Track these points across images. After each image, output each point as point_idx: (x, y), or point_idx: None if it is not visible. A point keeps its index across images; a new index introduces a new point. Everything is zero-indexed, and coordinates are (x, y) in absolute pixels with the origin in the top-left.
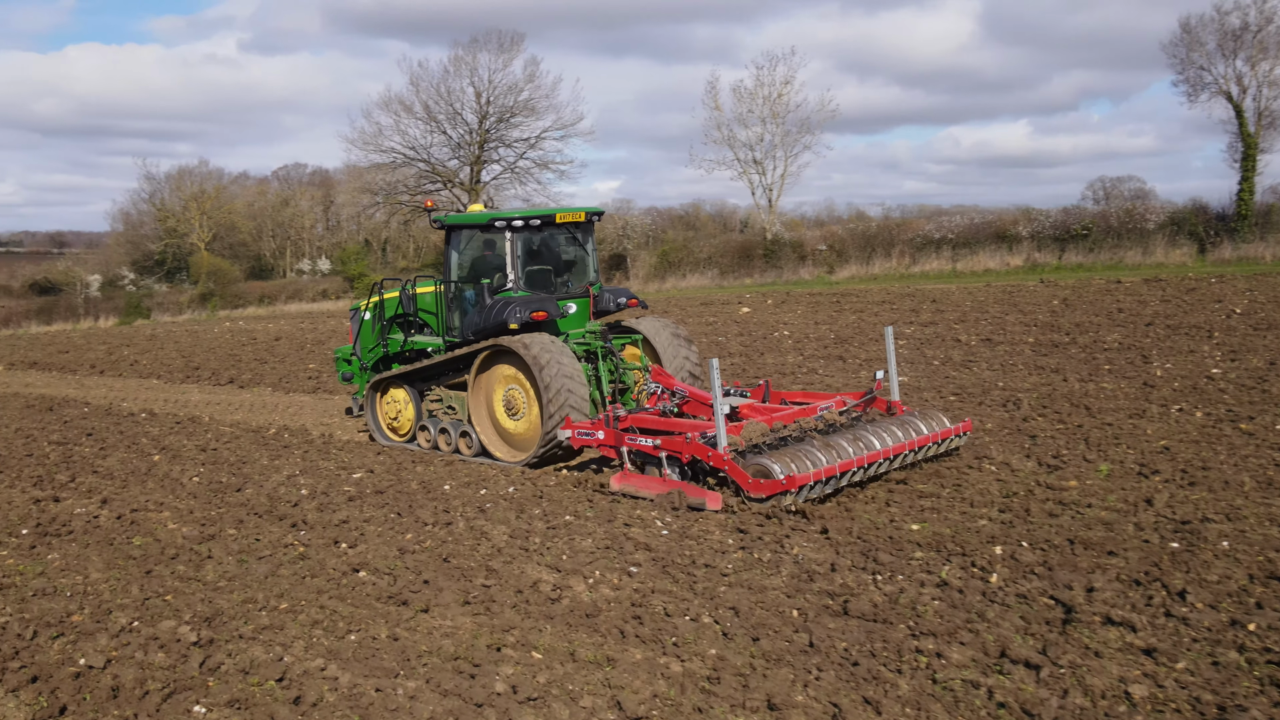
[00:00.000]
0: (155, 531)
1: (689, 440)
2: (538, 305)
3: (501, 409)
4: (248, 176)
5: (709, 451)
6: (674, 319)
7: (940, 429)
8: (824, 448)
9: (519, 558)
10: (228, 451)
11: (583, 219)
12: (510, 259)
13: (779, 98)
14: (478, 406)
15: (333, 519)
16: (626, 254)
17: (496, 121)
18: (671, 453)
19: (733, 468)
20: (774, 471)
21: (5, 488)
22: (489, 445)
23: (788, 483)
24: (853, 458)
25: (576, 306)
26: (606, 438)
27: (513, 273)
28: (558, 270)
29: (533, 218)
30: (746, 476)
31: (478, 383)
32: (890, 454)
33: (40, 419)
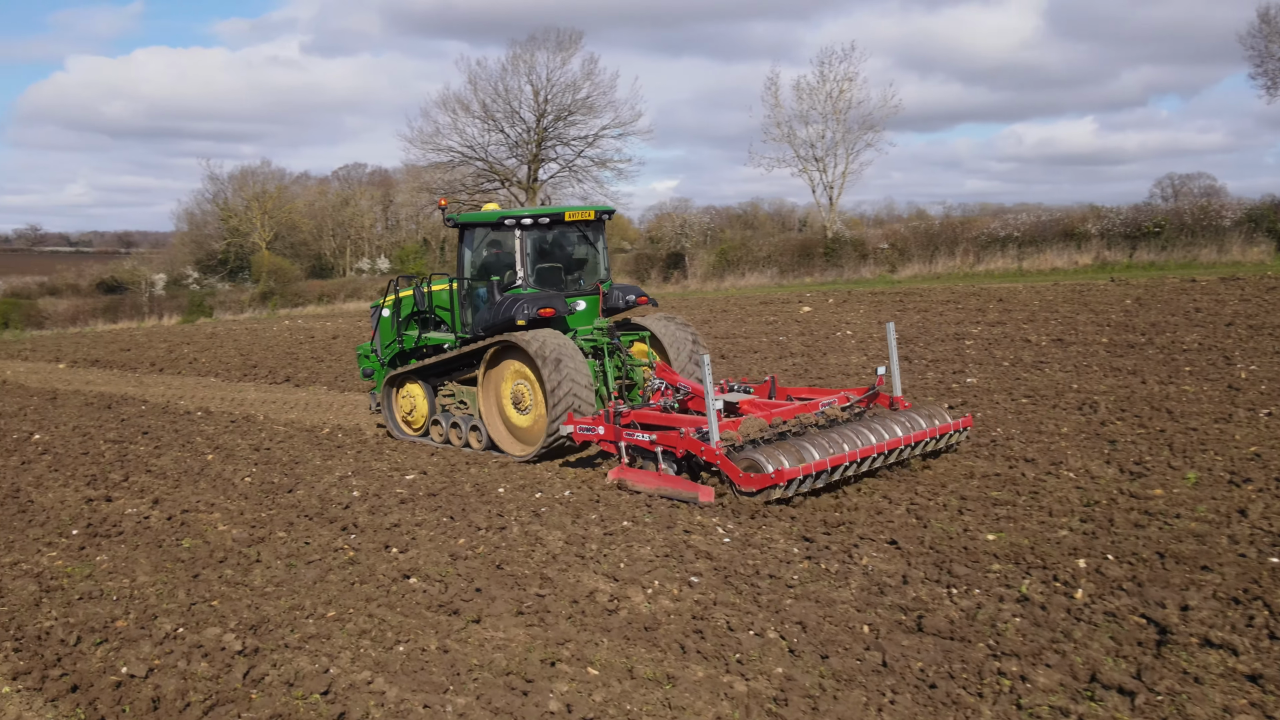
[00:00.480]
0: (205, 533)
1: (683, 435)
2: (545, 302)
3: (509, 404)
4: (309, 177)
5: (702, 446)
6: (733, 319)
7: (940, 424)
8: (817, 443)
9: (574, 565)
10: (281, 451)
11: (592, 217)
12: (520, 256)
13: (840, 94)
14: (487, 401)
15: (384, 522)
16: (685, 252)
17: (554, 120)
18: (667, 448)
19: (724, 462)
20: (763, 466)
21: (59, 486)
22: (497, 439)
23: (777, 477)
24: (845, 452)
25: (586, 304)
26: (606, 433)
27: (522, 270)
28: (568, 268)
29: (542, 216)
30: (737, 470)
31: (487, 378)
32: (885, 449)
33: (98, 417)
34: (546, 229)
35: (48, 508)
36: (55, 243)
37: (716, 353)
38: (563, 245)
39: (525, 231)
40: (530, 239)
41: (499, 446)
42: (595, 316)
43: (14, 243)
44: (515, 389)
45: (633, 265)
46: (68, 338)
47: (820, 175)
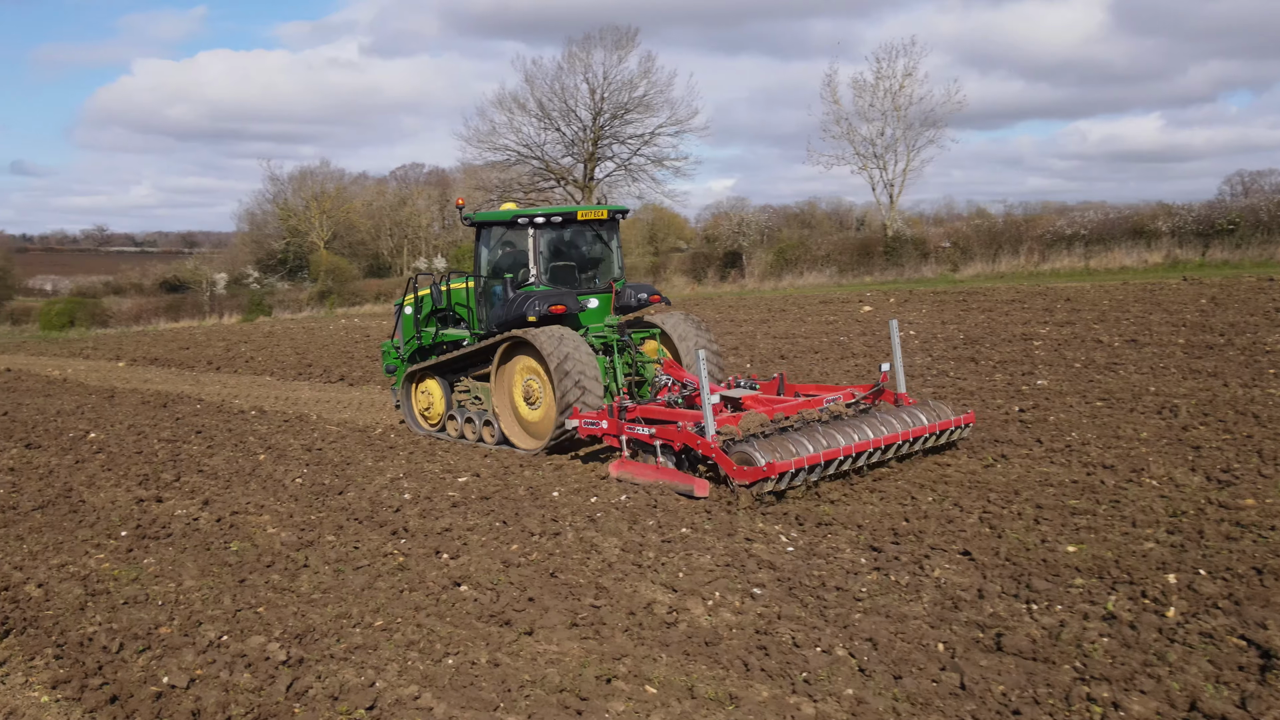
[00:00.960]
0: (253, 536)
1: (681, 429)
2: (556, 299)
3: (521, 399)
4: (367, 177)
5: (698, 440)
6: (792, 318)
7: (941, 420)
8: (812, 437)
9: (631, 574)
10: (333, 452)
11: (605, 217)
12: (533, 255)
13: (900, 90)
14: (500, 396)
15: (435, 526)
16: (742, 251)
17: (610, 118)
18: (665, 441)
19: (719, 455)
20: (756, 459)
21: (111, 486)
22: (509, 434)
23: (768, 469)
24: (840, 446)
25: (599, 301)
26: (610, 427)
27: (534, 268)
28: (582, 266)
29: (554, 215)
30: (732, 463)
31: (500, 373)
32: (882, 443)
33: (153, 415)
34: (559, 228)
35: (98, 508)
36: (121, 243)
37: (775, 353)
38: (576, 244)
39: (538, 230)
40: (543, 238)
41: (510, 441)
42: (608, 314)
43: (81, 243)
44: (526, 384)
45: (689, 264)
46: (129, 336)
47: (880, 173)
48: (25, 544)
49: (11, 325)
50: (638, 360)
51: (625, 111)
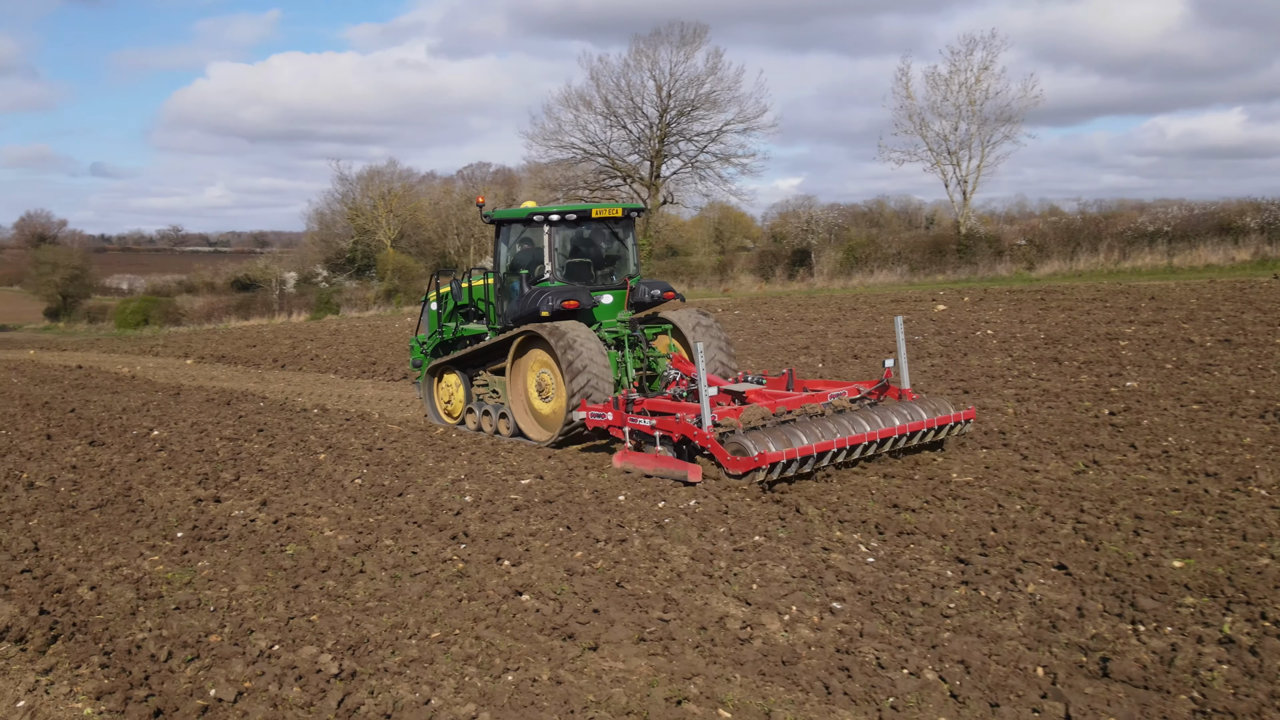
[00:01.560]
0: (310, 539)
1: (679, 420)
2: (570, 295)
3: (534, 391)
4: (434, 176)
5: (695, 430)
6: (864, 317)
7: (940, 415)
8: (808, 429)
9: (702, 585)
10: (394, 451)
11: (620, 215)
12: (548, 251)
13: (976, 84)
14: (515, 389)
15: (496, 531)
16: (811, 249)
17: (677, 115)
18: (665, 432)
19: (714, 445)
20: (749, 449)
21: (170, 485)
22: (523, 426)
23: (760, 460)
24: (834, 439)
25: (613, 297)
26: (614, 419)
27: (549, 264)
28: (597, 263)
29: (569, 213)
30: (726, 454)
31: (515, 367)
32: (878, 437)
33: (216, 413)
34: (575, 225)
35: (156, 507)
36: (195, 243)
37: (848, 352)
38: (592, 241)
39: (553, 227)
40: (558, 235)
41: (524, 433)
42: (622, 310)
43: (158, 243)
44: (539, 378)
45: (756, 263)
46: (200, 334)
47: (954, 169)
48: (81, 544)
49: (89, 323)
50: (649, 355)
51: (692, 108)
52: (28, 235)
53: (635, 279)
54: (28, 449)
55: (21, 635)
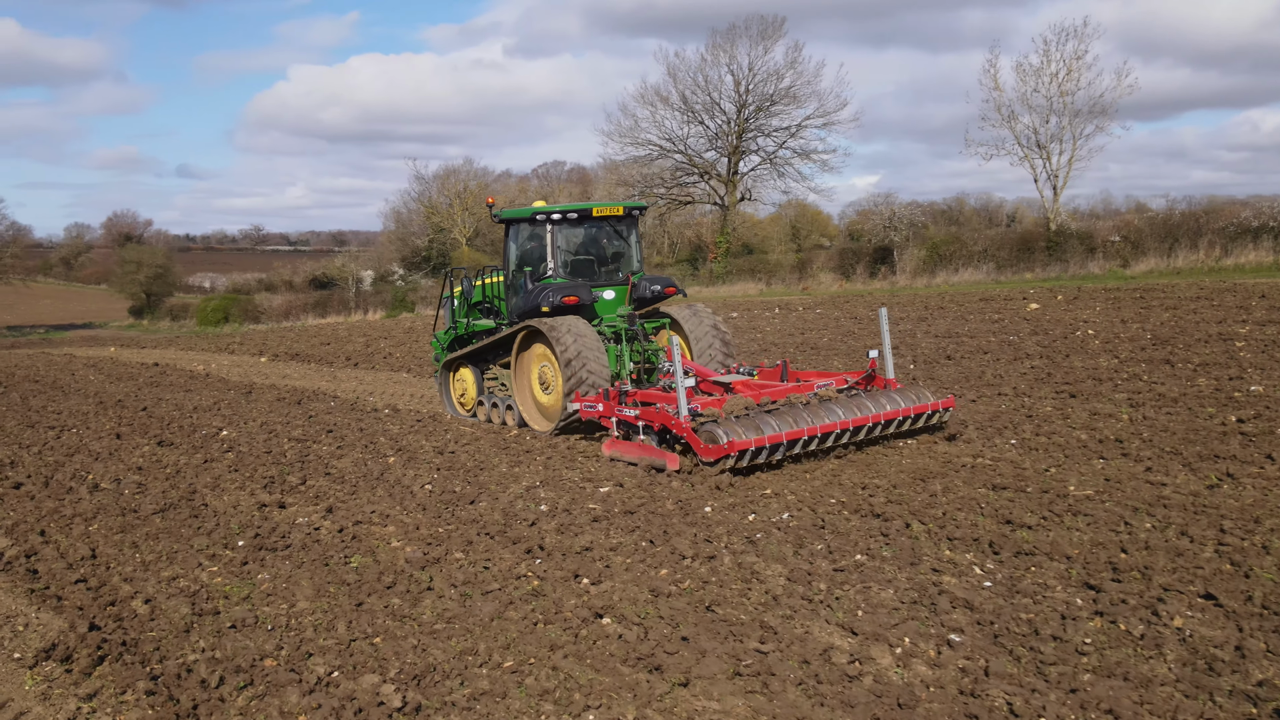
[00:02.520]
0: (376, 550)
1: (658, 410)
2: (570, 291)
3: (537, 384)
4: (510, 175)
5: (673, 419)
6: (952, 316)
7: (919, 404)
8: (782, 418)
9: (801, 611)
10: (465, 455)
11: (621, 213)
12: (550, 249)
13: (1068, 75)
14: (520, 382)
15: (574, 544)
16: (893, 247)
17: (755, 111)
18: (648, 422)
19: (689, 434)
20: (720, 437)
21: (235, 489)
22: (527, 417)
23: (729, 447)
24: (806, 427)
25: (615, 293)
26: (605, 409)
27: (552, 261)
28: (600, 260)
29: (570, 211)
30: (700, 441)
31: (519, 361)
32: (850, 425)
33: (287, 413)
34: (576, 224)
35: (219, 513)
36: (276, 242)
37: (939, 353)
38: (595, 239)
39: (555, 226)
40: (561, 233)
41: (527, 423)
42: (623, 305)
43: (240, 242)
44: (541, 370)
45: (837, 260)
46: (276, 332)
47: (1044, 164)
48: (140, 552)
49: (171, 321)
50: (647, 349)
51: (771, 104)
52: (115, 235)
53: (638, 275)
54: (96, 448)
55: (68, 654)
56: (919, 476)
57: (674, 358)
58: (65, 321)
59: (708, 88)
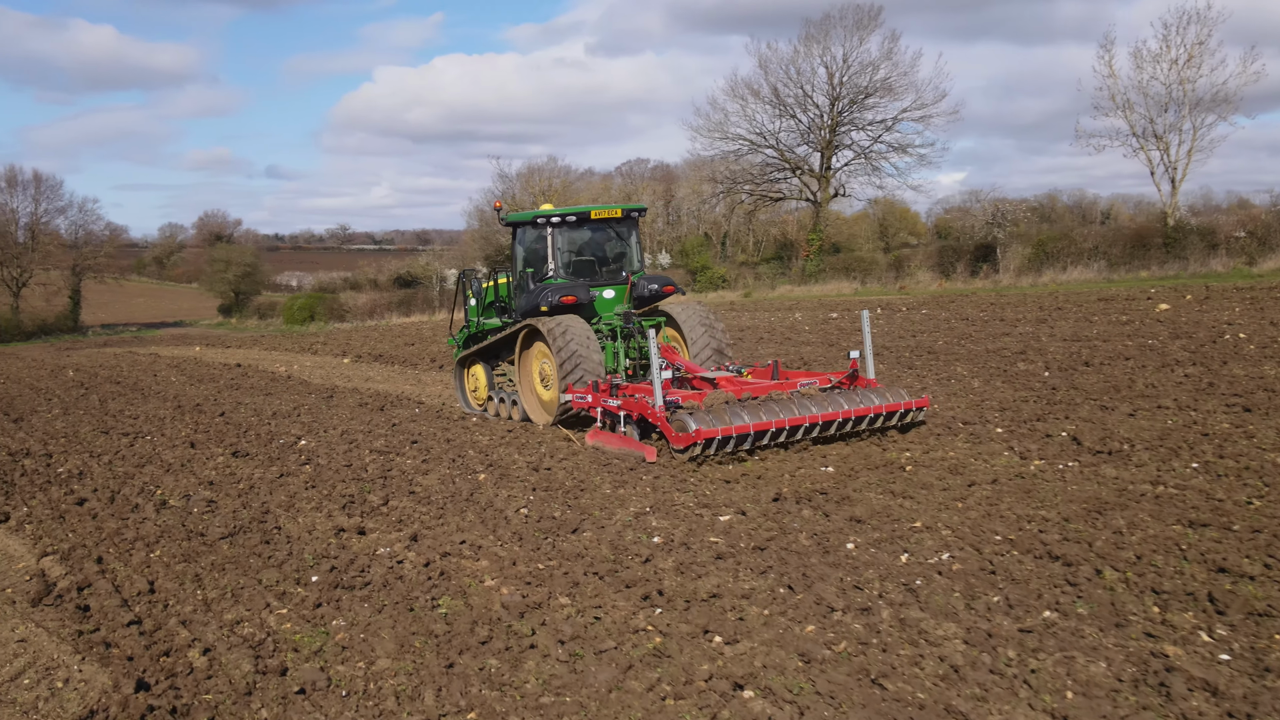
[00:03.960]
0: (468, 590)
1: (636, 400)
2: (568, 291)
3: (538, 380)
4: (593, 173)
5: (649, 409)
6: (1073, 318)
7: (892, 402)
8: (753, 411)
9: (994, 690)
10: (563, 473)
11: (619, 215)
12: (550, 251)
13: (1189, 61)
14: (523, 378)
15: (698, 589)
16: (997, 244)
17: (849, 104)
18: (628, 412)
19: (663, 423)
20: (689, 425)
21: (311, 510)
22: (530, 411)
23: (696, 435)
24: (774, 419)
25: (615, 292)
26: (593, 401)
27: (553, 263)
28: (601, 261)
29: (570, 215)
30: (671, 430)
31: (522, 358)
32: (820, 419)
33: (369, 420)
34: (576, 226)
35: (293, 539)
36: (361, 241)
37: (1074, 359)
38: (595, 240)
39: (555, 229)
40: (561, 236)
41: (530, 417)
42: (622, 304)
43: (326, 241)
44: (541, 367)
45: (935, 259)
46: (360, 331)
47: (1161, 155)
48: (203, 587)
49: (259, 319)
50: (643, 346)
51: (865, 96)
52: (206, 235)
53: (638, 275)
54: (169, 458)
55: None
56: (1093, 508)
57: (651, 351)
58: (156, 320)
59: (800, 80)
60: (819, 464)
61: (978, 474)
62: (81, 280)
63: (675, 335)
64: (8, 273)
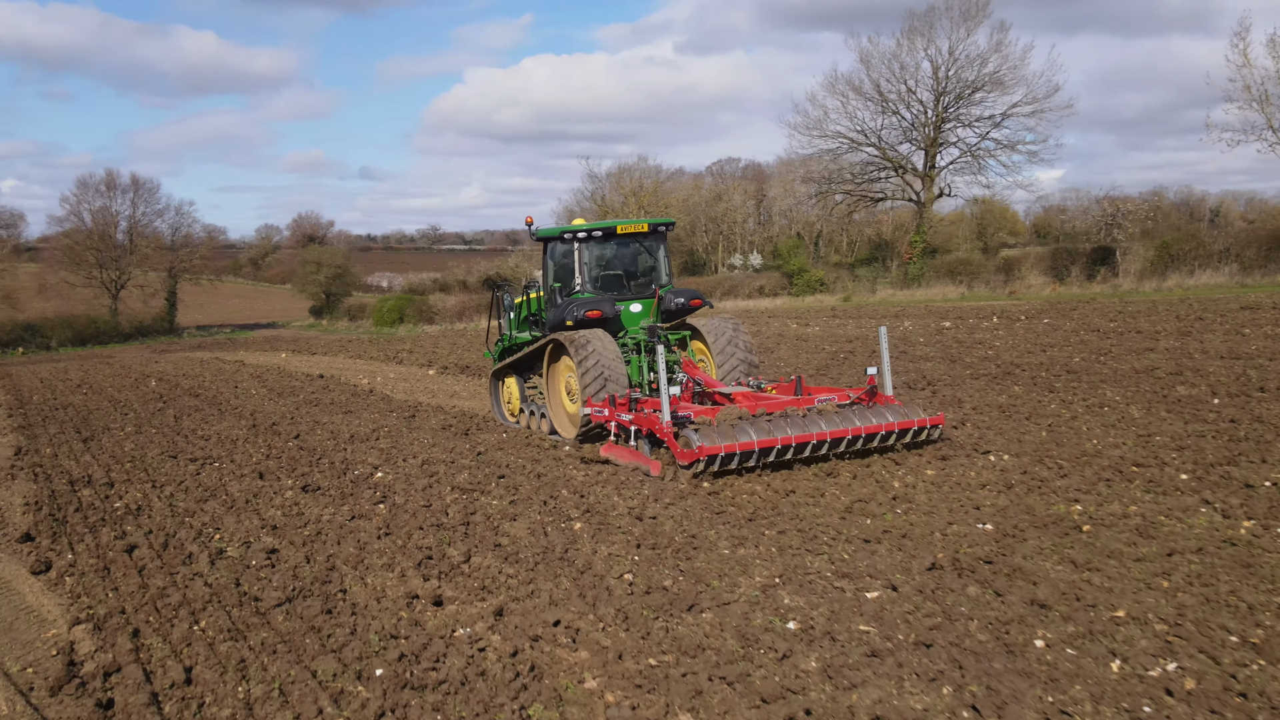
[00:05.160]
0: (563, 694)
1: (646, 415)
2: (594, 305)
3: (564, 394)
4: (683, 172)
5: (659, 425)
6: (1221, 330)
7: (904, 420)
8: (761, 428)
9: None
10: (671, 523)
11: (646, 230)
12: (578, 265)
13: None
14: (551, 392)
15: (858, 704)
16: (1116, 246)
17: (955, 99)
18: (639, 427)
19: (669, 438)
20: (693, 442)
21: (382, 567)
22: (557, 425)
23: (699, 452)
24: (781, 436)
25: (642, 306)
26: (609, 415)
27: (580, 277)
28: (629, 275)
29: (596, 230)
30: (677, 446)
31: (550, 372)
32: (829, 436)
33: (452, 447)
34: (603, 241)
35: (359, 608)
36: (451, 241)
37: (1246, 383)
38: (623, 255)
39: (582, 244)
40: (588, 250)
41: (557, 430)
42: (648, 317)
43: (417, 241)
44: (567, 381)
45: (1047, 261)
46: (447, 337)
47: None
48: (248, 679)
49: (349, 321)
50: (669, 360)
51: (972, 91)
52: (299, 236)
53: (666, 288)
54: (234, 491)
55: None
56: None
57: (659, 367)
58: (250, 321)
59: (903, 76)
60: (973, 519)
61: (1175, 539)
62: (177, 282)
63: (703, 349)
64: (107, 275)
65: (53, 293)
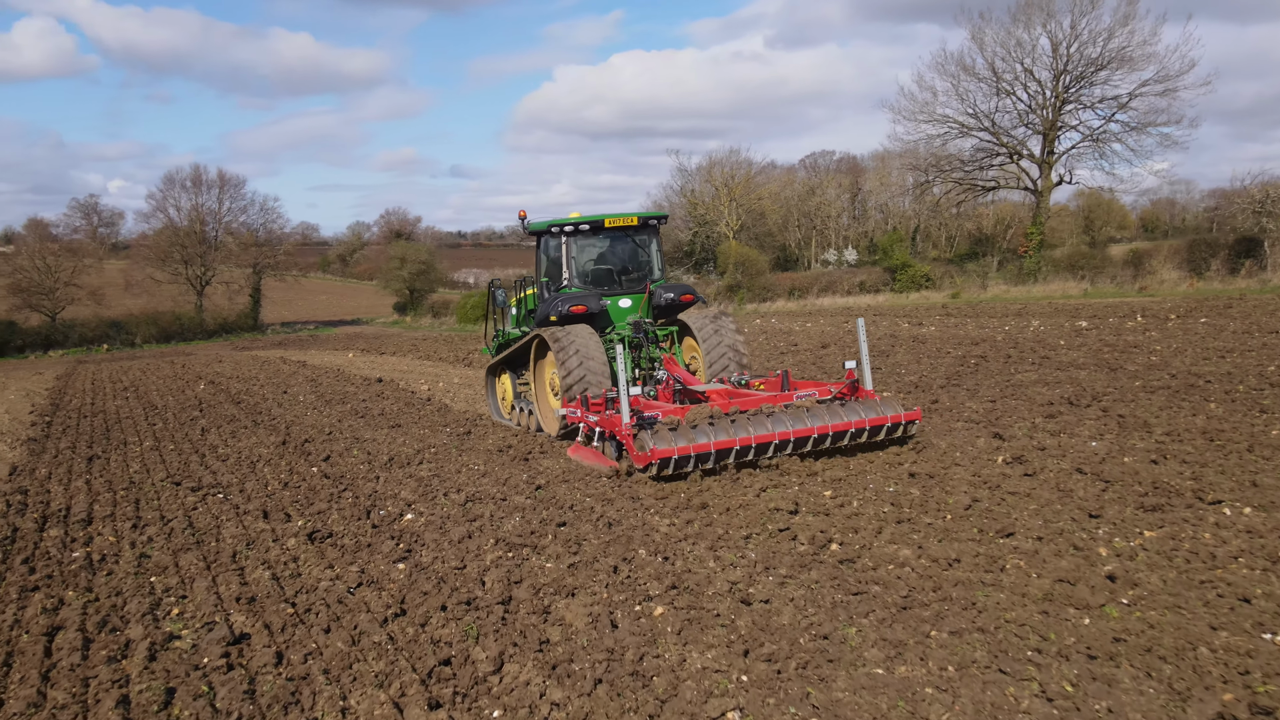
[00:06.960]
0: None
1: (607, 416)
2: (578, 300)
3: (549, 390)
4: (774, 166)
5: (619, 427)
6: None
7: (877, 415)
8: (723, 428)
9: None
10: (790, 608)
11: (636, 223)
12: (565, 260)
13: None
14: (538, 388)
15: None
16: (1264, 235)
17: (1076, 79)
18: (603, 429)
19: (628, 441)
20: (646, 444)
21: (373, 681)
22: (543, 422)
23: (652, 454)
24: (740, 437)
25: (631, 301)
26: (580, 415)
27: (567, 272)
28: (620, 269)
29: (584, 223)
30: (633, 448)
31: (537, 368)
32: (792, 435)
33: (505, 477)
34: (591, 235)
35: None
36: None
37: None
38: (613, 249)
39: (569, 238)
40: (576, 245)
41: (543, 426)
42: (639, 312)
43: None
44: (551, 377)
45: (1184, 254)
46: None
47: None
48: None
49: (432, 317)
50: (654, 355)
51: (1096, 70)
52: (386, 232)
53: (657, 283)
54: (227, 537)
55: None
56: None
57: (619, 367)
58: (335, 318)
59: (1020, 54)
60: (1248, 620)
61: None
62: (261, 278)
63: (694, 345)
64: (192, 272)
65: (139, 289)
